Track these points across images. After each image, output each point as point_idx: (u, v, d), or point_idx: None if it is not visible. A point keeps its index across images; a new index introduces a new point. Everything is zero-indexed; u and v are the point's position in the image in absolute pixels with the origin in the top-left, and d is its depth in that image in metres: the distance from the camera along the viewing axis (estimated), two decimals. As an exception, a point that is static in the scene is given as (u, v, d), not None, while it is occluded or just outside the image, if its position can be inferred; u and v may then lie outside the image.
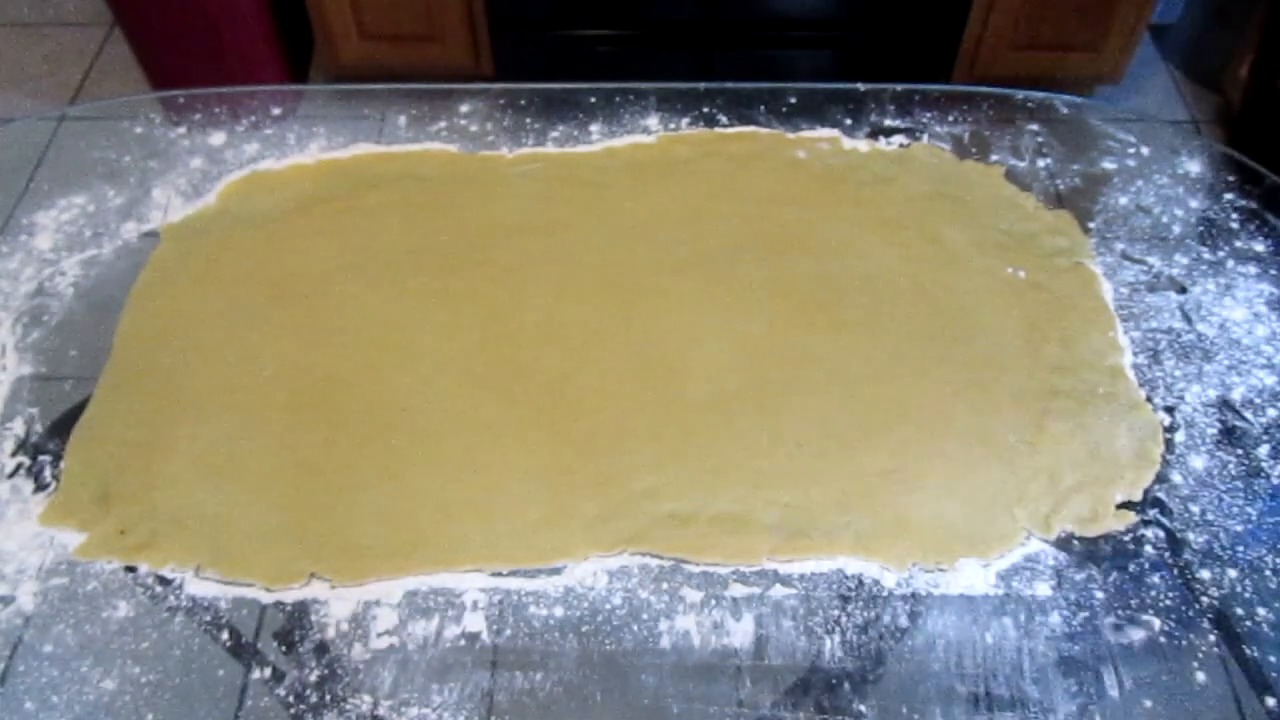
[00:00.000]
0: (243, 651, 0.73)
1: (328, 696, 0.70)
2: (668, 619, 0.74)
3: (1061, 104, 1.16)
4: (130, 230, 1.02)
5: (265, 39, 2.04)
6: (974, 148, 1.10)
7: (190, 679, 0.71)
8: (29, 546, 0.78)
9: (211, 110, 1.14)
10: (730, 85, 1.15)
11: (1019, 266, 0.98)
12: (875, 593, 0.76)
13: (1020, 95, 1.16)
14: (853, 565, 0.77)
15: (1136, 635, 0.73)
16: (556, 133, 1.12)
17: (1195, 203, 1.05)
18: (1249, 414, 0.87)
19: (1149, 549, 0.78)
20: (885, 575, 0.76)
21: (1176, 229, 1.02)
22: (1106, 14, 1.94)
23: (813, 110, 1.13)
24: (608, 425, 0.85)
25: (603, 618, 0.74)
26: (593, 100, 1.14)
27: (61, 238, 1.01)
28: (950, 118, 1.13)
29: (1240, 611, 0.75)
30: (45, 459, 0.83)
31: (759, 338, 0.91)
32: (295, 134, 1.12)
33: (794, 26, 1.98)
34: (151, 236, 1.01)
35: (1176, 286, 0.97)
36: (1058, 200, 1.05)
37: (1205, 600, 0.75)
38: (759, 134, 1.11)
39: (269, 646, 0.73)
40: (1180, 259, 1.00)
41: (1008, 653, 0.73)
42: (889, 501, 0.80)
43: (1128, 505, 0.80)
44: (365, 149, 1.10)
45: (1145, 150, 1.10)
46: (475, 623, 0.74)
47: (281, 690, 0.70)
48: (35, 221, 1.03)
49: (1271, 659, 0.73)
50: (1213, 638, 0.73)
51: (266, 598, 0.75)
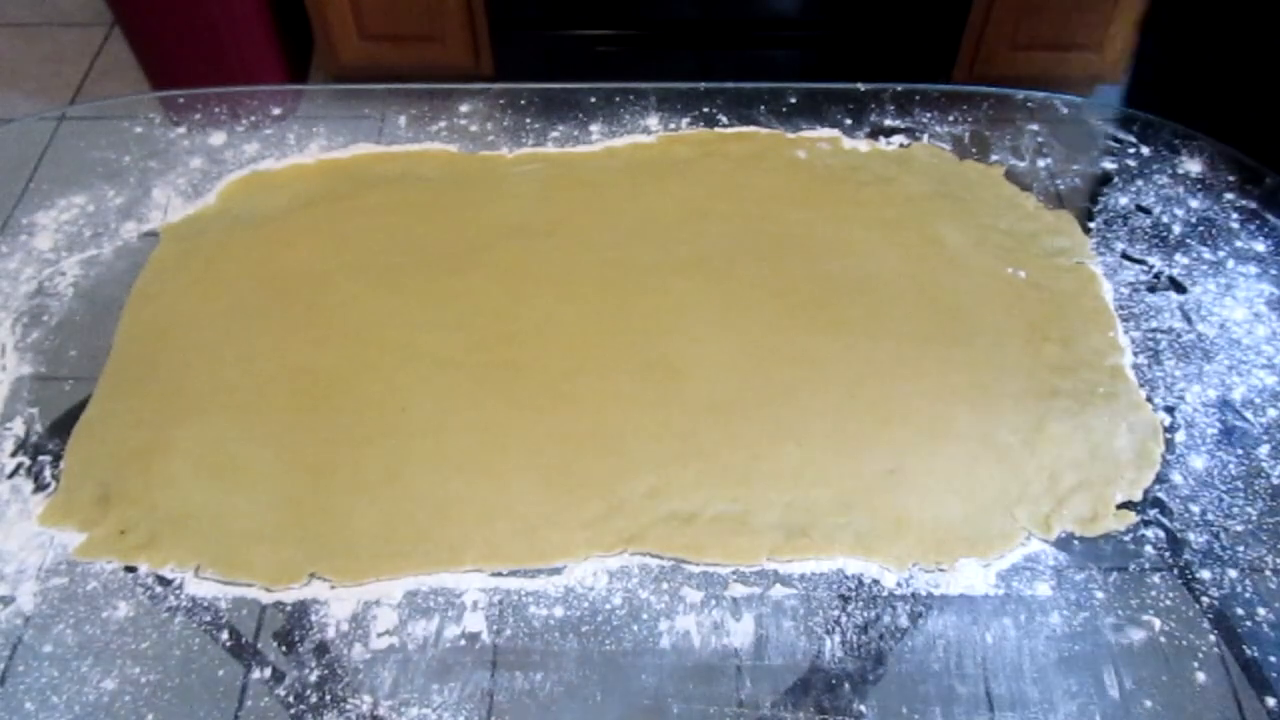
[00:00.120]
0: (243, 651, 0.73)
1: (328, 696, 0.70)
2: (668, 619, 0.74)
3: (1061, 104, 1.16)
4: (130, 230, 1.02)
5: (265, 39, 2.04)
6: (974, 148, 1.10)
7: (190, 679, 0.71)
8: (29, 546, 0.78)
9: (211, 110, 1.14)
10: (730, 85, 1.15)
11: (1019, 266, 0.98)
12: (875, 593, 0.76)
13: (1020, 95, 1.16)
14: (853, 565, 0.77)
15: (1136, 635, 0.73)
16: (556, 133, 1.12)
17: (1195, 203, 1.05)
18: (1249, 414, 0.87)
19: (1149, 549, 0.78)
20: (885, 575, 0.76)
21: (1176, 229, 1.02)
22: (1106, 14, 1.94)
23: (813, 110, 1.13)
24: (608, 425, 0.85)
25: (603, 618, 0.74)
26: (593, 100, 1.14)
27: (61, 238, 1.01)
28: (950, 118, 1.13)
29: (1240, 611, 0.75)
30: (45, 459, 0.83)
31: (759, 338, 0.91)
32: (295, 134, 1.12)
33: (794, 27, 1.98)
34: (151, 236, 1.01)
35: (1176, 286, 0.97)
36: (1058, 200, 1.05)
37: (1205, 600, 0.75)
38: (759, 134, 1.11)
39: (269, 646, 0.73)
40: (1180, 259, 1.00)
41: (1008, 653, 0.73)
42: (889, 501, 0.80)
43: (1128, 505, 0.80)
44: (365, 149, 1.10)
45: (1145, 150, 1.10)
46: (475, 623, 0.74)
47: (281, 690, 0.70)
48: (35, 221, 1.03)
49: (1271, 659, 0.72)
50: (1213, 638, 0.73)
51: (266, 598, 0.75)
